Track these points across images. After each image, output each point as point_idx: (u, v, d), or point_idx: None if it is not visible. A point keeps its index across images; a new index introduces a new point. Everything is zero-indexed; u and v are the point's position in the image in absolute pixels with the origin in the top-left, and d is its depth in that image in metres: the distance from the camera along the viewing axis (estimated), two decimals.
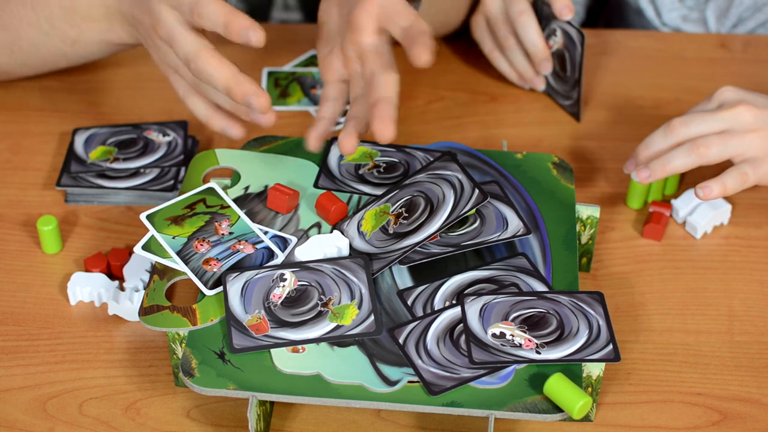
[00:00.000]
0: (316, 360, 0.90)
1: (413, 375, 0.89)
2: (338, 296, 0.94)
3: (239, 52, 1.30)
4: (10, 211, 1.12)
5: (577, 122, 1.23)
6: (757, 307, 1.04)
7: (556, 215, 1.02)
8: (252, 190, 1.03)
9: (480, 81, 1.28)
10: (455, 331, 0.92)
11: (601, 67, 1.30)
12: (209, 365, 0.90)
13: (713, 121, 1.05)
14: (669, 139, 1.06)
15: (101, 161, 1.13)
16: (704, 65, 1.30)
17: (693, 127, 1.05)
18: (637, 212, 1.13)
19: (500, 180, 1.05)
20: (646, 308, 1.04)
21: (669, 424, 0.95)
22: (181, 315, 0.93)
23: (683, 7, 1.38)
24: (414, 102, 1.25)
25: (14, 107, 1.23)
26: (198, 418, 0.95)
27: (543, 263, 0.98)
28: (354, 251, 0.98)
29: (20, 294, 1.04)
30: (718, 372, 0.98)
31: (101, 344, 1.00)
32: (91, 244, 1.09)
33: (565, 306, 0.94)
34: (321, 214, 1.01)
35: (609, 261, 1.08)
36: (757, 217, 1.12)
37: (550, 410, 0.87)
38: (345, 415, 0.95)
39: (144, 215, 0.99)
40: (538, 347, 0.91)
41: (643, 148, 1.07)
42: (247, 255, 0.97)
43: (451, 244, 0.98)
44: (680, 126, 1.05)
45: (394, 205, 1.01)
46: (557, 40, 1.20)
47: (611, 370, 0.98)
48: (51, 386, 0.97)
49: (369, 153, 1.07)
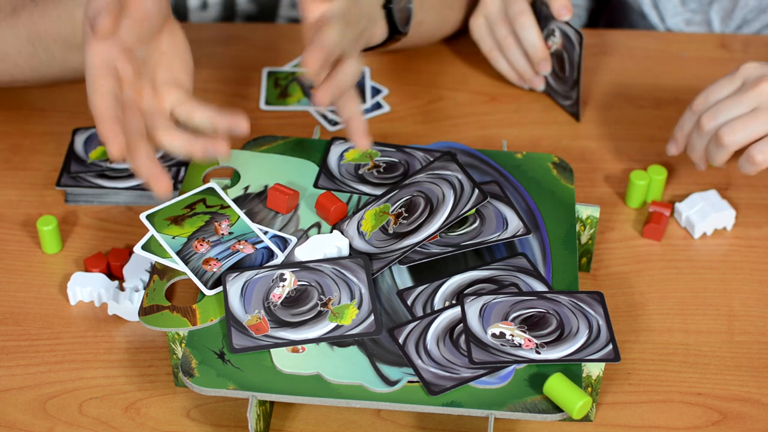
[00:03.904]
0: (316, 360, 0.90)
1: (413, 375, 0.89)
2: (338, 296, 0.94)
3: (239, 53, 1.31)
4: (10, 211, 1.12)
5: (577, 122, 1.23)
6: (757, 307, 1.04)
7: (556, 215, 1.02)
8: (252, 190, 1.03)
9: (480, 81, 1.28)
10: (455, 331, 0.92)
11: (601, 67, 1.30)
12: (209, 365, 0.90)
13: (738, 106, 1.04)
14: (704, 137, 1.06)
15: (101, 161, 1.13)
16: (704, 65, 1.30)
17: (721, 118, 1.05)
18: (637, 212, 1.13)
19: (500, 180, 1.05)
20: (646, 308, 1.04)
21: (669, 424, 0.95)
22: (181, 315, 0.93)
23: (687, 11, 1.38)
24: (414, 102, 1.25)
25: (14, 107, 1.23)
26: (198, 418, 0.95)
27: (543, 263, 0.98)
28: (354, 251, 0.98)
29: (20, 294, 1.04)
30: (718, 372, 0.98)
31: (101, 344, 1.00)
32: (91, 244, 1.09)
33: (565, 306, 0.94)
34: (321, 214, 1.01)
35: (609, 261, 1.08)
36: (757, 217, 1.12)
37: (550, 410, 0.87)
38: (345, 415, 0.95)
39: (144, 215, 0.99)
40: (538, 347, 0.91)
41: (693, 153, 1.08)
42: (247, 255, 0.97)
43: (451, 244, 0.98)
44: (709, 121, 1.05)
45: (394, 205, 1.01)
46: (556, 41, 1.20)
47: (611, 370, 0.98)
48: (51, 386, 0.97)
49: (369, 153, 1.07)
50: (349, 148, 1.07)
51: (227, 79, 1.27)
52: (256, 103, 1.24)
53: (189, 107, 0.98)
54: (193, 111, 0.97)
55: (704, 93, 1.07)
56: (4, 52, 1.10)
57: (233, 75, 1.27)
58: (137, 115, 0.94)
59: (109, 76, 0.93)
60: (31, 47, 1.10)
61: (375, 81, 1.27)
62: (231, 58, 1.30)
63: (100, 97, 0.92)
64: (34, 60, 1.11)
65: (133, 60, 0.95)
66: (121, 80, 0.94)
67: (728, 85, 1.06)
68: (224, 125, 0.96)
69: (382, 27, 1.11)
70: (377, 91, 1.25)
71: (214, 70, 1.27)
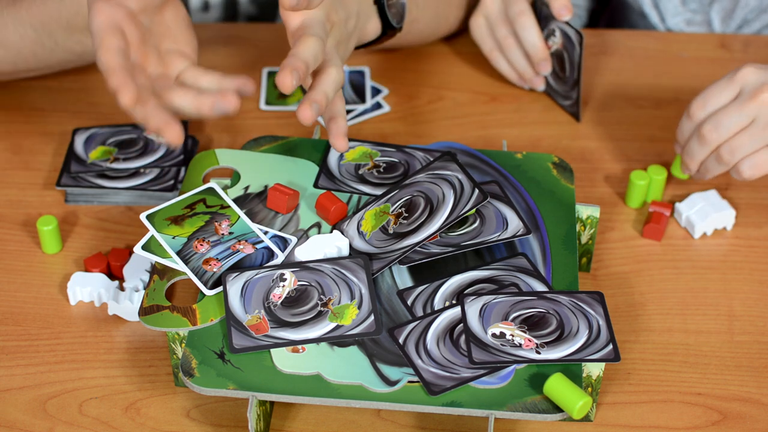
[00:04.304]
0: (316, 360, 0.90)
1: (413, 375, 0.89)
2: (338, 296, 0.94)
3: (240, 52, 1.31)
4: (10, 211, 1.12)
5: (577, 122, 1.23)
6: (757, 307, 1.04)
7: (556, 215, 1.02)
8: (252, 190, 1.03)
9: (480, 81, 1.28)
10: (455, 331, 0.92)
11: (601, 67, 1.30)
12: (209, 365, 0.90)
13: (740, 117, 1.03)
14: (705, 148, 1.06)
15: (101, 161, 1.13)
16: (704, 65, 1.30)
17: (723, 131, 1.04)
18: (637, 212, 1.13)
19: (500, 180, 1.05)
20: (646, 308, 1.04)
21: (669, 424, 0.95)
22: (181, 315, 0.93)
23: (687, 11, 1.37)
24: (414, 102, 1.25)
25: (14, 107, 1.23)
26: (198, 418, 0.95)
27: (543, 263, 0.98)
28: (354, 251, 0.98)
29: (20, 294, 1.04)
30: (718, 372, 0.98)
31: (101, 344, 1.00)
32: (91, 244, 1.09)
33: (565, 306, 0.94)
34: (321, 214, 1.01)
35: (609, 261, 1.08)
36: (757, 217, 1.12)
37: (550, 410, 0.87)
38: (345, 415, 0.95)
39: (144, 215, 0.99)
40: (538, 347, 0.91)
41: (690, 159, 1.08)
42: (247, 255, 0.97)
43: (451, 244, 0.98)
44: (711, 132, 1.04)
45: (394, 205, 1.01)
46: (556, 41, 1.20)
47: (611, 370, 0.98)
48: (51, 386, 0.97)
49: (369, 153, 1.07)
50: (350, 148, 1.07)
51: None
52: (256, 103, 1.24)
53: (196, 72, 0.97)
54: (199, 76, 0.97)
55: (701, 97, 1.06)
56: (7, 40, 1.10)
57: (234, 75, 1.27)
58: (144, 76, 0.95)
59: (117, 34, 0.92)
60: (34, 33, 1.10)
61: (375, 81, 1.27)
62: (232, 58, 1.30)
63: (109, 52, 0.91)
64: (38, 46, 1.11)
65: (139, 25, 0.95)
66: (127, 42, 0.94)
67: (726, 90, 1.05)
68: (232, 87, 0.96)
69: (375, 23, 1.11)
70: (377, 91, 1.25)
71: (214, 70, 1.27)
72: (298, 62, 0.94)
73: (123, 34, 0.93)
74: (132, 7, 0.95)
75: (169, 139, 0.90)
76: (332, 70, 0.98)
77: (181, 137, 0.90)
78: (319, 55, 0.96)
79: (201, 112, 0.93)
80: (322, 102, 0.97)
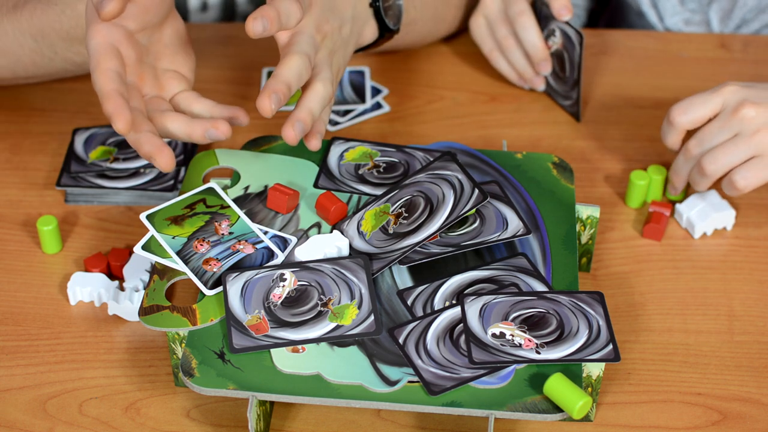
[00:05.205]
0: (316, 360, 0.90)
1: (413, 375, 0.89)
2: (338, 296, 0.94)
3: (239, 53, 1.31)
4: (10, 211, 1.12)
5: (577, 122, 1.23)
6: (757, 307, 1.04)
7: (556, 215, 1.02)
8: (252, 190, 1.03)
9: (480, 81, 1.28)
10: (455, 331, 0.92)
11: (601, 67, 1.30)
12: (209, 365, 0.90)
13: (721, 132, 1.05)
14: (690, 162, 1.08)
15: (101, 161, 1.13)
16: (704, 65, 1.30)
17: (706, 144, 1.06)
18: (637, 212, 1.13)
19: (500, 180, 1.05)
20: (646, 308, 1.04)
21: (669, 424, 0.95)
22: (181, 315, 0.93)
23: (686, 11, 1.38)
24: (414, 102, 1.25)
25: (14, 107, 1.23)
26: (198, 418, 0.95)
27: (543, 263, 0.98)
28: (354, 251, 0.98)
29: (20, 294, 1.04)
30: (718, 372, 0.98)
31: (101, 344, 1.00)
32: (91, 244, 1.09)
33: (565, 306, 0.94)
34: (321, 214, 1.01)
35: (609, 261, 1.08)
36: (757, 217, 1.12)
37: (550, 410, 0.87)
38: (345, 415, 0.95)
39: (144, 215, 0.99)
40: (538, 347, 0.91)
41: (675, 175, 1.10)
42: (247, 255, 0.97)
43: (451, 244, 0.98)
44: (695, 147, 1.07)
45: (394, 205, 1.01)
46: (556, 41, 1.20)
47: (611, 370, 0.98)
48: (51, 386, 0.97)
49: (369, 153, 1.07)
50: (349, 148, 1.07)
51: (227, 79, 1.27)
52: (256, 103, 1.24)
53: (189, 96, 0.99)
54: (193, 101, 0.99)
55: (683, 105, 1.07)
56: (7, 48, 1.10)
57: (233, 75, 1.27)
58: (138, 98, 0.96)
59: (114, 56, 0.94)
60: (33, 42, 1.10)
61: (375, 81, 1.27)
62: (231, 58, 1.30)
63: (105, 75, 0.92)
64: (37, 55, 1.11)
65: (136, 45, 0.96)
66: (124, 63, 0.95)
67: (708, 103, 1.06)
68: (224, 116, 0.98)
69: (371, 26, 1.11)
70: (377, 91, 1.25)
71: (214, 70, 1.28)
72: (278, 85, 0.95)
73: (120, 55, 0.94)
74: (130, 27, 0.96)
75: (160, 165, 0.92)
76: (319, 85, 0.99)
77: (172, 163, 0.93)
78: (304, 73, 0.97)
79: (192, 137, 0.95)
80: (307, 120, 0.98)
